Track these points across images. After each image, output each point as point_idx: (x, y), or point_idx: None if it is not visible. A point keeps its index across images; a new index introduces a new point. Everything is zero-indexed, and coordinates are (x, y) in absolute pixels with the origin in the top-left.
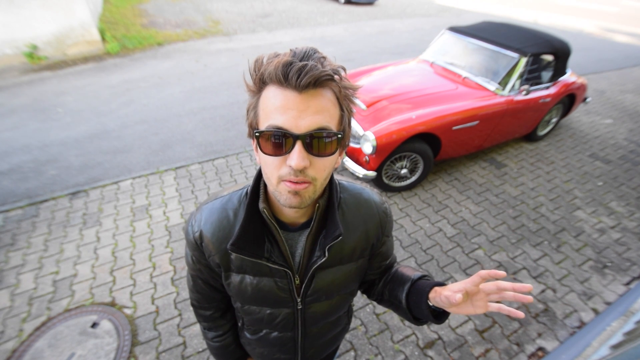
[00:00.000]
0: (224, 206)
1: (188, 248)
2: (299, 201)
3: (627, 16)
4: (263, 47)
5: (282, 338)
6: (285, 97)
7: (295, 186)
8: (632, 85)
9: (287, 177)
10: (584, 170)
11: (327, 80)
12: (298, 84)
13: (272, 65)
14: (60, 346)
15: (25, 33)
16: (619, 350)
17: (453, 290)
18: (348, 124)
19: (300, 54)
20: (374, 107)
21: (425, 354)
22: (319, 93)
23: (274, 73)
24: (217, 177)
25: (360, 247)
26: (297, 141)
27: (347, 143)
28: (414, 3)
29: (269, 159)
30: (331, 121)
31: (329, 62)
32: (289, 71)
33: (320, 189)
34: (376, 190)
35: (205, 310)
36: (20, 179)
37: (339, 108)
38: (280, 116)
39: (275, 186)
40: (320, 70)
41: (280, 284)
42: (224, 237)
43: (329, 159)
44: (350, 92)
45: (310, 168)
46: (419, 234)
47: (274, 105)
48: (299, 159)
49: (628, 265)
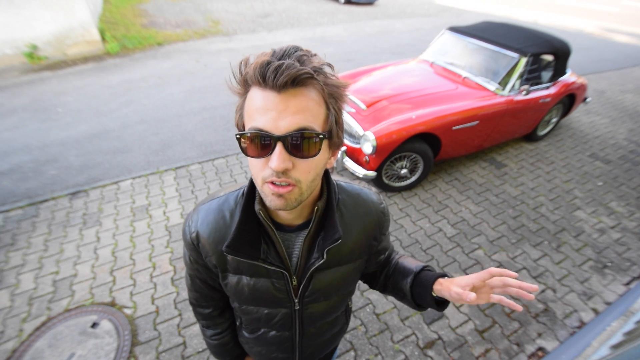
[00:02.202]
0: (220, 207)
1: (185, 248)
2: (284, 203)
3: (627, 16)
4: (263, 47)
5: (279, 337)
6: (265, 98)
7: (279, 189)
8: (632, 85)
9: (270, 178)
10: (584, 170)
11: (307, 78)
12: (275, 83)
13: (252, 67)
14: (60, 346)
15: (25, 33)
16: (619, 350)
17: (461, 286)
18: (337, 123)
19: (280, 53)
20: (374, 107)
21: (425, 354)
22: (299, 92)
23: (253, 74)
24: (217, 177)
25: (358, 248)
26: (278, 142)
27: (338, 143)
28: (414, 3)
29: (252, 160)
30: (314, 121)
31: (313, 59)
32: (267, 71)
33: (307, 191)
34: (374, 190)
35: (204, 309)
36: (20, 179)
37: (324, 107)
38: (261, 117)
39: (261, 187)
40: (297, 69)
41: (277, 284)
42: (220, 238)
43: (314, 160)
44: (337, 89)
45: (293, 170)
46: (419, 234)
47: (255, 107)
48: (279, 161)
49: (628, 265)
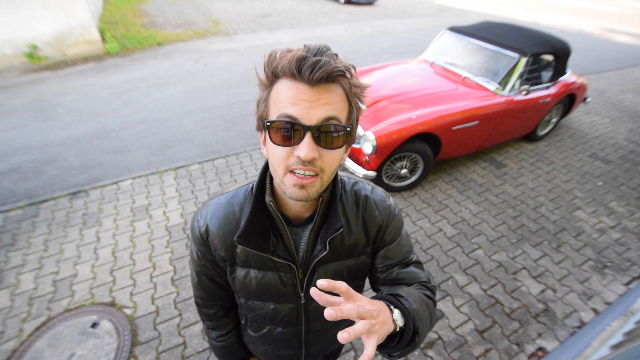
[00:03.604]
0: (230, 201)
1: (193, 243)
2: (306, 194)
3: (627, 16)
4: (263, 47)
5: (286, 334)
6: (297, 89)
7: (302, 180)
8: (632, 85)
9: (294, 166)
10: (584, 170)
11: (339, 76)
12: (311, 78)
13: (286, 60)
14: (60, 346)
15: (25, 33)
16: (619, 350)
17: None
18: (356, 121)
19: (314, 50)
20: (374, 107)
21: (425, 354)
22: (330, 88)
23: (288, 67)
24: (217, 177)
25: (361, 243)
26: (307, 132)
27: (353, 140)
28: (414, 3)
29: (277, 149)
30: (340, 115)
31: (340, 59)
32: (303, 65)
33: (327, 182)
34: (381, 189)
35: (209, 309)
36: (20, 179)
37: (348, 104)
38: (292, 106)
39: (282, 177)
40: (333, 66)
41: (284, 278)
42: (229, 231)
43: (337, 152)
44: (359, 90)
45: (319, 160)
46: (419, 234)
47: (286, 96)
48: (308, 150)
49: (628, 265)
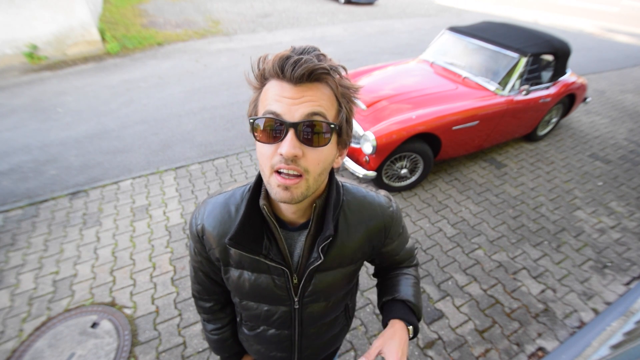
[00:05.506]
0: (226, 201)
1: (191, 240)
2: (289, 196)
3: (627, 16)
4: (263, 47)
5: (279, 336)
6: (281, 87)
7: (285, 181)
8: (632, 85)
9: (278, 165)
10: (584, 170)
11: (323, 74)
12: (292, 75)
13: (271, 61)
14: (60, 346)
15: (25, 33)
16: (619, 350)
17: (375, 346)
18: (347, 121)
19: (299, 50)
20: (374, 107)
21: (425, 354)
22: (315, 86)
23: (272, 67)
24: (217, 177)
25: (361, 251)
26: (290, 129)
27: (347, 142)
28: (414, 3)
29: (262, 147)
30: (326, 112)
31: (329, 60)
32: (285, 64)
33: (314, 185)
34: (384, 193)
35: (206, 302)
36: (20, 179)
37: (336, 104)
38: (275, 103)
39: (268, 178)
40: (315, 64)
41: (277, 281)
42: (224, 232)
43: (323, 150)
44: (349, 91)
45: (302, 159)
46: (419, 234)
47: (271, 95)
48: (290, 147)
49: (628, 265)
